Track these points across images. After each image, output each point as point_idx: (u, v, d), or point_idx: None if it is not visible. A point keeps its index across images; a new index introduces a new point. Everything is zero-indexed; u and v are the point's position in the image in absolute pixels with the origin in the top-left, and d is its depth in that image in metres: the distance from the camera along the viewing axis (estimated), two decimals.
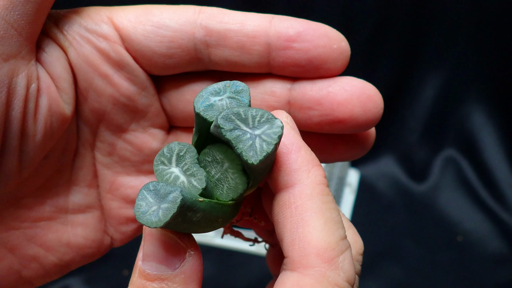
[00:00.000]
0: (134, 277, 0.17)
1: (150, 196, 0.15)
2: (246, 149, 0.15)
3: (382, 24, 0.73)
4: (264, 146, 0.15)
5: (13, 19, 0.17)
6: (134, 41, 0.20)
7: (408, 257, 0.63)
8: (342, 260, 0.15)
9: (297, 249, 0.15)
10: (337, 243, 0.15)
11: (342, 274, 0.15)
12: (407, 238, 0.66)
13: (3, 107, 0.17)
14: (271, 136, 0.15)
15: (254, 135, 0.15)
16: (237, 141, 0.15)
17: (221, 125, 0.15)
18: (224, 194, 0.17)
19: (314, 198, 0.15)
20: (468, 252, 0.63)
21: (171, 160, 0.16)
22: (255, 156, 0.15)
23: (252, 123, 0.15)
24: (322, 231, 0.15)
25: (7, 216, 0.20)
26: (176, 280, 0.16)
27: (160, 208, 0.14)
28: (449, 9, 0.70)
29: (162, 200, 0.15)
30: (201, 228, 0.17)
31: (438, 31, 0.72)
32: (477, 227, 0.67)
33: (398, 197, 0.74)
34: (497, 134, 0.75)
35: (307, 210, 0.15)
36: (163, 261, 0.16)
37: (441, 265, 0.62)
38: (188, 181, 0.16)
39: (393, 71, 0.76)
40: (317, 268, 0.14)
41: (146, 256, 0.17)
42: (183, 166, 0.16)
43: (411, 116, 0.79)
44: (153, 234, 0.16)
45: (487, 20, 0.70)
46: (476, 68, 0.73)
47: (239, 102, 0.17)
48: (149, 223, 0.14)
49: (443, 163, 0.77)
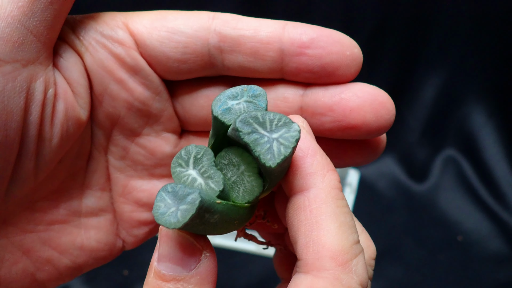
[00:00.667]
0: (150, 277, 0.17)
1: (169, 198, 0.15)
2: (264, 152, 0.15)
3: (382, 24, 0.73)
4: (282, 149, 0.15)
5: (32, 26, 0.17)
6: (149, 47, 0.20)
7: (408, 257, 0.63)
8: (355, 264, 0.15)
9: (311, 252, 0.15)
10: (351, 247, 0.15)
11: (355, 278, 0.15)
12: (407, 238, 0.66)
13: (21, 112, 0.17)
14: (288, 139, 0.15)
15: (272, 138, 0.15)
16: (255, 144, 0.15)
17: (239, 128, 0.15)
18: (240, 196, 0.17)
19: (329, 202, 0.16)
20: (468, 252, 0.63)
21: (189, 162, 0.17)
22: (273, 159, 0.15)
23: (270, 126, 0.15)
24: (336, 235, 0.15)
25: (22, 219, 0.21)
26: (192, 281, 0.16)
27: (179, 210, 0.15)
28: (449, 9, 0.70)
29: (180, 201, 0.15)
30: (217, 230, 0.17)
31: (438, 31, 0.72)
32: (477, 227, 0.67)
33: (398, 197, 0.74)
34: (497, 134, 0.75)
35: (321, 213, 0.15)
36: (179, 262, 0.16)
37: (441, 265, 0.62)
38: (205, 183, 0.16)
39: (393, 71, 0.76)
40: (331, 271, 0.14)
41: (162, 257, 0.17)
42: (200, 169, 0.17)
43: (411, 116, 0.79)
44: (170, 235, 0.17)
45: (487, 20, 0.70)
46: (476, 68, 0.73)
47: (256, 106, 0.17)
48: (168, 224, 0.15)
49: (443, 163, 0.77)
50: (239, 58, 0.20)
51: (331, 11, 0.73)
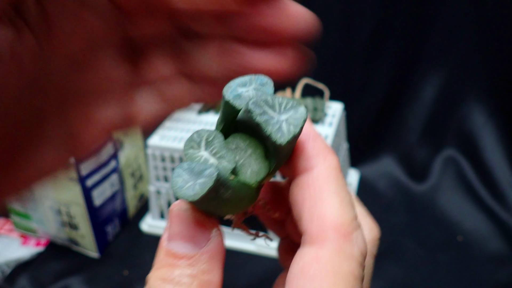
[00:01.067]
0: (160, 257, 0.17)
1: (186, 174, 0.16)
2: (275, 131, 0.17)
3: (382, 24, 0.73)
4: (291, 128, 0.17)
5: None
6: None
7: (408, 257, 0.63)
8: (356, 236, 0.16)
9: (315, 225, 0.16)
10: (352, 221, 0.16)
11: (356, 248, 0.16)
12: (407, 238, 0.66)
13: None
14: (297, 120, 0.17)
15: (281, 119, 0.17)
16: (266, 124, 0.17)
17: (251, 110, 0.17)
18: (248, 177, 0.18)
19: (331, 181, 0.17)
20: (468, 252, 0.63)
21: (200, 144, 0.17)
22: (284, 137, 0.16)
23: (279, 109, 0.17)
24: (338, 210, 0.16)
25: None
26: (203, 258, 0.17)
27: (197, 183, 0.15)
28: (449, 9, 0.70)
29: (197, 176, 0.16)
30: (227, 208, 0.18)
31: (438, 31, 0.72)
32: (477, 227, 0.67)
33: (398, 197, 0.74)
34: (497, 134, 0.75)
35: (324, 190, 0.17)
36: (191, 239, 0.17)
37: (441, 265, 0.62)
38: (218, 163, 0.17)
39: (393, 71, 0.76)
40: (335, 241, 0.15)
41: (174, 235, 0.17)
42: (212, 150, 0.17)
43: (411, 116, 0.79)
44: (181, 215, 0.17)
45: (487, 20, 0.70)
46: (476, 68, 0.73)
47: (264, 93, 0.18)
48: (186, 197, 0.15)
49: (443, 163, 0.77)
50: None
51: (331, 11, 0.73)
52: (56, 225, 0.63)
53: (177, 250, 0.17)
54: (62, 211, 0.61)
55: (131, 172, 0.69)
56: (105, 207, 0.63)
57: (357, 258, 0.16)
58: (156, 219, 0.68)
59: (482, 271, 0.60)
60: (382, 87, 0.78)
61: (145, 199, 0.74)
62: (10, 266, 0.61)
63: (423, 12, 0.71)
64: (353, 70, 0.77)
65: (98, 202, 0.62)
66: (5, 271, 0.60)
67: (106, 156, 0.62)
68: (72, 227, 0.62)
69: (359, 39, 0.74)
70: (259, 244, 0.62)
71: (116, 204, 0.66)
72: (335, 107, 0.67)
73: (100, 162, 0.60)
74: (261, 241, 0.62)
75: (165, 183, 0.65)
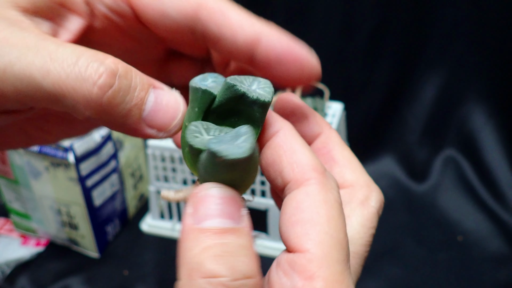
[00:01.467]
0: (197, 241, 0.17)
1: (222, 144, 0.17)
2: (259, 95, 0.19)
3: (382, 24, 0.73)
4: (267, 89, 0.19)
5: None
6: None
7: (408, 257, 0.63)
8: (328, 173, 0.19)
9: (297, 171, 0.19)
10: (320, 163, 0.19)
11: (332, 182, 0.19)
12: (407, 238, 0.66)
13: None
14: (266, 84, 0.20)
15: (254, 88, 0.19)
16: (249, 91, 0.19)
17: (233, 84, 0.19)
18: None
19: (295, 137, 0.20)
20: (468, 252, 0.64)
21: (202, 132, 0.19)
22: (267, 96, 0.19)
23: (247, 83, 0.20)
24: (310, 156, 0.19)
25: None
26: (246, 231, 0.17)
27: (239, 142, 0.17)
28: (449, 9, 0.70)
29: (235, 139, 0.17)
30: (249, 177, 0.19)
31: (438, 31, 0.72)
32: (477, 227, 0.67)
33: (398, 197, 0.74)
34: (497, 134, 0.75)
35: (295, 144, 0.19)
36: (230, 216, 0.17)
37: (441, 265, 0.62)
38: None
39: (393, 71, 0.76)
40: (317, 178, 0.18)
41: (209, 215, 0.17)
42: (213, 133, 0.19)
43: (411, 116, 0.79)
44: (211, 194, 0.18)
45: (487, 20, 0.70)
46: (476, 68, 0.73)
47: (221, 82, 0.20)
48: (238, 154, 0.16)
49: (443, 163, 0.77)
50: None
51: (331, 11, 0.73)
52: (56, 225, 0.63)
53: (219, 225, 0.17)
54: (62, 211, 0.61)
55: (131, 172, 0.69)
56: (105, 207, 0.63)
57: (336, 189, 0.19)
58: (156, 219, 0.68)
59: (482, 271, 0.60)
60: (382, 87, 0.78)
61: (145, 199, 0.74)
62: (10, 266, 0.61)
63: (423, 12, 0.71)
64: (353, 70, 0.77)
65: (98, 202, 0.61)
66: (5, 271, 0.60)
67: (106, 156, 0.61)
68: (72, 227, 0.62)
69: (359, 39, 0.74)
70: (259, 244, 0.62)
71: (116, 204, 0.66)
72: (335, 107, 0.67)
73: (100, 162, 0.60)
74: (260, 241, 0.62)
75: (165, 183, 0.65)
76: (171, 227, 0.67)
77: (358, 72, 0.77)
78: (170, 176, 0.64)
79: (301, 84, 0.22)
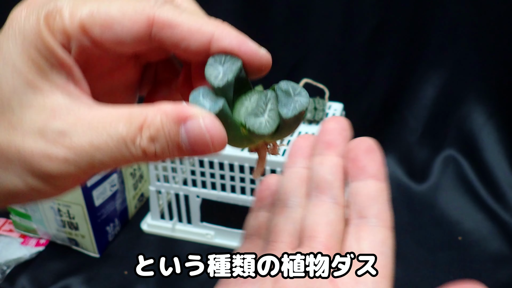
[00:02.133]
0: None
1: (285, 105, 0.21)
2: (234, 71, 0.21)
3: (382, 24, 0.73)
4: (234, 68, 0.21)
5: None
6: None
7: (408, 257, 0.63)
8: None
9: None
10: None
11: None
12: (407, 238, 0.66)
13: None
14: (234, 62, 0.22)
15: (224, 68, 0.22)
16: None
17: (211, 62, 0.21)
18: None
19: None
20: (468, 252, 0.63)
21: (261, 110, 0.22)
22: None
23: (220, 63, 0.22)
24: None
25: None
26: None
27: (295, 102, 0.21)
28: (449, 9, 0.70)
29: (292, 96, 0.21)
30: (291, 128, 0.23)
31: (438, 31, 0.72)
32: (477, 227, 0.67)
33: (398, 197, 0.74)
34: (497, 134, 0.75)
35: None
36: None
37: (441, 265, 0.62)
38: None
39: (393, 71, 0.76)
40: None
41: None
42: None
43: (411, 116, 0.79)
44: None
45: (487, 20, 0.70)
46: (476, 68, 0.73)
47: (208, 93, 0.23)
48: (297, 111, 0.21)
49: (443, 163, 0.77)
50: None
51: (331, 11, 0.73)
52: (56, 225, 0.63)
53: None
54: (62, 211, 0.61)
55: (131, 172, 0.69)
56: (105, 207, 0.63)
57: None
58: (156, 219, 0.68)
59: (482, 271, 0.60)
60: (382, 87, 0.78)
61: (145, 199, 0.74)
62: (10, 266, 0.61)
63: (423, 12, 0.71)
64: (353, 70, 0.77)
65: (98, 202, 0.61)
66: (5, 271, 0.60)
67: None
68: (72, 227, 0.62)
69: (359, 39, 0.74)
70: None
71: (116, 204, 0.66)
72: (335, 107, 0.67)
73: None
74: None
75: (165, 183, 0.65)
76: (171, 227, 0.67)
77: (358, 72, 0.77)
78: (170, 176, 0.64)
79: (257, 74, 0.23)
